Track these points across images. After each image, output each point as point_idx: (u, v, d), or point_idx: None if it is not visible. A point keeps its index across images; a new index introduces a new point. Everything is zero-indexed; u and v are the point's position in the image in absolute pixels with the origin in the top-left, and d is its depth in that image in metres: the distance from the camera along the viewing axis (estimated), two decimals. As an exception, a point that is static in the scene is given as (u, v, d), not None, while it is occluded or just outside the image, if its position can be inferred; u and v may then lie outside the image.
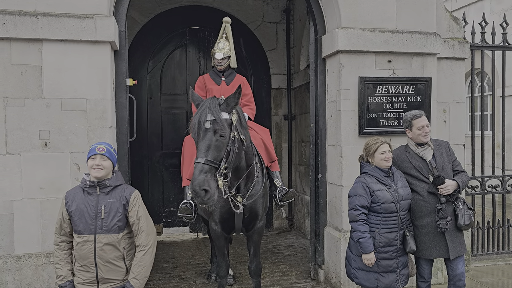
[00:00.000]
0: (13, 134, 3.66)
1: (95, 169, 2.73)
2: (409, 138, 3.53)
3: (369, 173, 3.30)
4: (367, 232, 3.20)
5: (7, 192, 3.67)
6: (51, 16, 3.66)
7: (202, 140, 2.95)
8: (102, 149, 2.77)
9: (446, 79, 4.85)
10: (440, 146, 3.54)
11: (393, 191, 3.26)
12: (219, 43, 4.45)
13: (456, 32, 4.93)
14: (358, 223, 3.20)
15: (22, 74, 3.67)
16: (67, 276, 2.79)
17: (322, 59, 4.62)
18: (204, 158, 2.86)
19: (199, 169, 2.82)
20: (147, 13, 6.63)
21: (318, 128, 4.66)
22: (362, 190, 3.23)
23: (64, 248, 2.82)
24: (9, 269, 3.65)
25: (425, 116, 3.49)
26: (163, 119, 6.79)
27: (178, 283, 4.76)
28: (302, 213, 6.87)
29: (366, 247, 3.17)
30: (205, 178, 2.80)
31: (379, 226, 3.23)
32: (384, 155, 3.25)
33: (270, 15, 7.13)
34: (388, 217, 3.23)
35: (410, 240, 3.29)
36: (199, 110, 3.04)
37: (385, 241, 3.23)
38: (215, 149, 2.93)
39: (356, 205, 3.22)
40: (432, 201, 3.37)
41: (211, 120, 2.96)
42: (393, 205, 3.22)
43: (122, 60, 4.09)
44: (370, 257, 3.19)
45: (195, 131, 2.99)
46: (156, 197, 6.65)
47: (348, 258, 3.44)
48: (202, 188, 2.77)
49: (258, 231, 3.81)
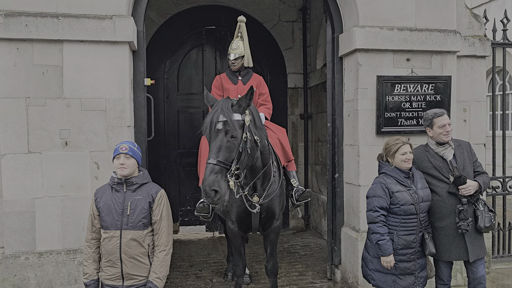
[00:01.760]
0: (34, 133, 3.74)
1: (120, 168, 2.79)
2: (430, 137, 3.46)
3: (388, 173, 3.23)
4: (386, 234, 3.14)
5: (29, 190, 3.75)
6: (72, 17, 3.72)
7: (213, 141, 2.97)
8: (125, 148, 2.82)
9: (466, 78, 4.76)
10: (461, 146, 3.46)
11: (413, 192, 3.18)
12: (233, 43, 4.45)
13: (476, 30, 4.84)
14: (377, 225, 3.14)
15: (44, 75, 3.74)
16: (92, 275, 2.85)
17: (339, 58, 4.59)
18: (215, 158, 2.88)
19: (209, 170, 2.85)
20: (164, 13, 6.69)
21: (335, 127, 4.63)
22: (381, 191, 3.17)
23: (93, 246, 2.88)
24: (31, 265, 3.73)
25: (446, 114, 3.43)
26: (180, 118, 6.85)
27: (194, 281, 4.79)
28: (318, 212, 6.84)
29: (385, 249, 3.11)
30: (215, 179, 2.82)
31: (398, 228, 3.17)
32: (405, 156, 3.18)
33: (286, 14, 7.11)
34: (407, 219, 3.16)
35: (429, 243, 3.22)
36: (212, 111, 3.07)
37: (403, 244, 3.17)
38: (226, 150, 2.94)
39: (375, 206, 3.16)
40: (451, 202, 3.30)
41: (223, 121, 2.98)
42: (412, 207, 3.15)
43: (140, 60, 4.13)
44: (389, 260, 3.13)
45: (207, 131, 3.02)
46: (173, 195, 6.71)
47: (364, 259, 3.39)
48: (211, 188, 2.80)
49: (275, 230, 3.81)
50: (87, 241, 2.90)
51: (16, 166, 3.71)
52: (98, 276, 2.87)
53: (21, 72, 3.70)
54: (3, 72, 3.67)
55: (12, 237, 3.74)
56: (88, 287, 2.84)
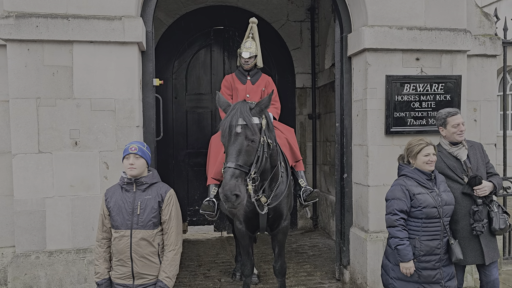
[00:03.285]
0: (45, 134, 3.78)
1: (130, 168, 2.80)
2: (443, 137, 3.40)
3: (409, 175, 3.09)
4: (406, 239, 2.98)
5: (40, 189, 3.79)
6: (81, 18, 3.75)
7: (233, 145, 2.93)
8: (135, 148, 2.83)
9: (476, 77, 4.71)
10: (474, 147, 3.41)
11: (436, 195, 3.03)
12: (246, 42, 4.47)
13: (487, 29, 4.79)
14: (396, 229, 2.99)
15: (54, 75, 3.78)
16: (103, 274, 2.87)
17: (348, 57, 4.57)
18: (235, 162, 2.85)
19: (230, 174, 2.81)
20: (173, 14, 6.71)
21: (344, 127, 4.61)
22: (401, 193, 3.02)
23: (103, 246, 2.90)
24: (41, 264, 3.77)
25: (460, 114, 3.37)
26: (188, 118, 6.87)
27: (203, 281, 4.80)
28: (326, 213, 6.82)
29: (404, 254, 2.96)
30: (236, 183, 2.79)
31: (420, 232, 3.01)
32: (428, 157, 3.04)
33: (294, 14, 7.10)
34: (429, 223, 3.01)
35: (456, 248, 3.05)
36: (230, 113, 3.02)
37: (426, 249, 3.00)
38: (245, 154, 2.92)
39: (394, 209, 3.01)
40: (465, 204, 3.23)
41: (243, 125, 2.95)
42: (435, 210, 3.00)
43: (149, 60, 4.15)
44: (409, 266, 2.97)
45: (226, 135, 2.97)
46: (181, 195, 6.72)
47: (385, 267, 3.21)
48: (233, 193, 2.77)
49: (283, 230, 3.80)
50: (98, 241, 2.93)
51: (26, 166, 3.75)
52: (109, 275, 2.89)
53: (31, 72, 3.74)
54: (14, 73, 3.72)
55: (23, 236, 3.78)
56: (100, 286, 2.86)
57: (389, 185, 4.18)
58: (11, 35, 3.65)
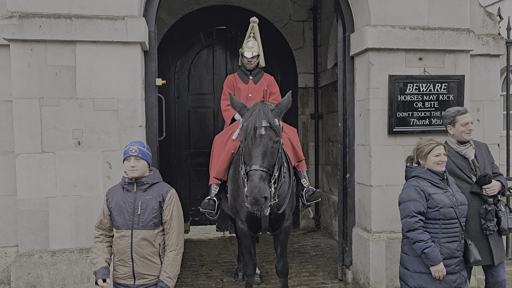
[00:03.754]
0: (48, 133, 3.79)
1: (131, 171, 2.80)
2: (450, 135, 3.37)
3: (421, 176, 2.97)
4: (430, 240, 2.82)
5: (43, 189, 3.80)
6: (84, 18, 3.76)
7: (257, 147, 2.90)
8: (135, 150, 2.80)
9: (480, 77, 4.70)
10: (480, 147, 3.39)
11: (450, 195, 2.94)
12: (248, 42, 4.49)
13: (490, 28, 4.78)
14: (418, 232, 2.83)
15: (57, 75, 3.78)
16: (101, 263, 2.82)
17: (351, 57, 4.56)
18: (261, 165, 2.83)
19: (258, 177, 2.78)
20: (175, 14, 6.72)
21: (346, 127, 4.60)
22: (416, 194, 2.89)
23: (102, 240, 2.90)
24: (45, 263, 3.77)
25: (469, 113, 3.33)
26: (191, 118, 6.87)
27: (205, 281, 4.80)
28: (329, 213, 6.81)
29: (434, 257, 2.79)
30: (264, 185, 2.79)
31: (439, 235, 2.87)
32: (439, 158, 2.94)
33: (297, 14, 7.09)
34: (448, 224, 2.88)
35: (474, 250, 2.94)
36: (252, 114, 2.98)
37: (447, 252, 2.87)
38: (270, 155, 2.92)
39: (412, 211, 2.85)
40: (474, 203, 3.19)
41: (267, 127, 2.93)
42: (452, 210, 2.89)
43: (152, 60, 4.16)
44: (440, 268, 2.81)
45: (250, 136, 2.92)
46: (184, 195, 6.72)
47: (402, 276, 3.04)
48: (263, 195, 2.75)
49: (285, 230, 3.80)
50: (95, 237, 2.92)
51: (30, 166, 3.76)
52: (108, 265, 2.85)
53: (35, 72, 3.75)
54: (17, 73, 3.73)
55: (26, 235, 3.79)
56: (97, 274, 2.80)
57: (392, 185, 4.22)
58: (15, 35, 3.66)
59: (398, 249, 4.05)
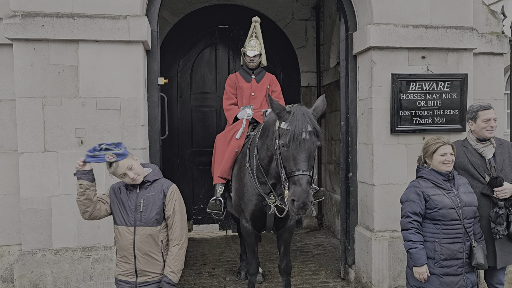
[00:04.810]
0: (51, 132, 3.80)
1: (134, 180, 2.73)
2: (471, 131, 3.26)
3: (424, 177, 2.98)
4: (420, 243, 2.86)
5: (46, 188, 3.81)
6: (87, 17, 3.76)
7: (303, 151, 2.88)
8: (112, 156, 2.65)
9: (483, 75, 4.68)
10: (503, 146, 3.23)
11: (453, 196, 2.90)
12: (251, 41, 4.50)
13: (494, 26, 4.75)
14: (409, 232, 2.88)
15: (60, 74, 3.79)
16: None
17: (353, 56, 4.55)
18: (306, 169, 2.84)
19: (306, 181, 2.79)
20: (178, 13, 6.72)
21: (349, 126, 4.59)
22: (414, 196, 2.92)
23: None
24: (48, 262, 3.79)
25: (493, 109, 3.20)
26: (193, 117, 6.88)
27: (208, 279, 4.81)
28: (331, 212, 6.80)
29: (417, 258, 2.84)
30: (310, 190, 2.81)
31: (439, 235, 2.88)
32: (444, 157, 2.90)
33: (299, 12, 7.08)
34: (449, 225, 2.87)
35: (477, 252, 2.88)
36: (296, 117, 2.95)
37: (447, 253, 2.86)
38: (312, 159, 2.94)
39: (407, 211, 2.91)
40: (483, 204, 3.10)
41: (311, 131, 2.93)
42: (453, 212, 2.86)
43: (154, 59, 4.16)
44: (422, 271, 2.85)
45: (296, 140, 2.89)
46: (186, 194, 6.73)
47: (406, 275, 3.10)
48: (310, 200, 2.77)
49: (289, 229, 3.80)
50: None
51: (33, 165, 3.77)
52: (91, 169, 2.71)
53: (37, 71, 3.75)
54: (20, 72, 3.74)
55: (29, 234, 3.81)
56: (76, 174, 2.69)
57: (395, 184, 4.22)
58: (17, 34, 3.67)
59: (400, 248, 4.04)
